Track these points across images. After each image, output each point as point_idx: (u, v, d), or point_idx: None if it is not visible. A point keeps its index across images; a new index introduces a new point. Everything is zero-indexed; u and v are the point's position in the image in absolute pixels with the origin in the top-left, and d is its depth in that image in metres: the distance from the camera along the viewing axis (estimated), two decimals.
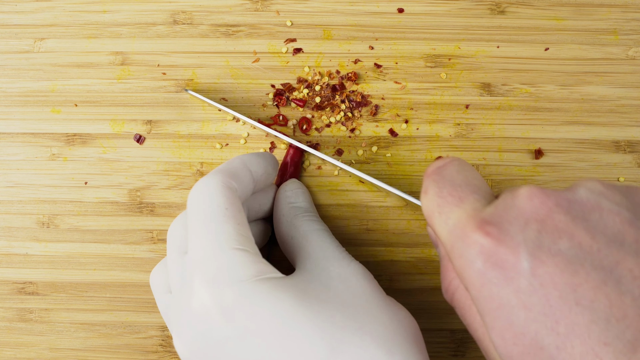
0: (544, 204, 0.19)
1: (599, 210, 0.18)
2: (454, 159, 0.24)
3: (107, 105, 0.34)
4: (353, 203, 0.33)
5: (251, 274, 0.22)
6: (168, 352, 0.33)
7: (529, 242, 0.18)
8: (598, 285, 0.17)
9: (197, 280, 0.22)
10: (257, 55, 0.34)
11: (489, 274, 0.18)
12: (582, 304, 0.17)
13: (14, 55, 0.34)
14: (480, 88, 0.34)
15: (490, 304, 0.18)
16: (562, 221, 0.18)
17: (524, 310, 0.17)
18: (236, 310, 0.22)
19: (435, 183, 0.22)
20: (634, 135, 0.33)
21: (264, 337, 0.21)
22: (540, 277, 0.17)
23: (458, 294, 0.23)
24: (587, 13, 0.35)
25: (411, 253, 0.33)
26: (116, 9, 0.35)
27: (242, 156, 0.27)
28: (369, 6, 0.35)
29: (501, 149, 0.33)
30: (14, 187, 0.34)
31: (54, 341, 0.33)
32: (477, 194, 0.21)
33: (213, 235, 0.23)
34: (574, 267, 0.17)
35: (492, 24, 0.34)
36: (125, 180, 0.33)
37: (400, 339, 0.23)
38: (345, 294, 0.24)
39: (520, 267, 0.18)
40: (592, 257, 0.17)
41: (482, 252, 0.19)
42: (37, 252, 0.33)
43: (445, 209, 0.21)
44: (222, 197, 0.24)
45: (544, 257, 0.18)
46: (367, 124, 0.34)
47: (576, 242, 0.18)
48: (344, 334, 0.22)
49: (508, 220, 0.19)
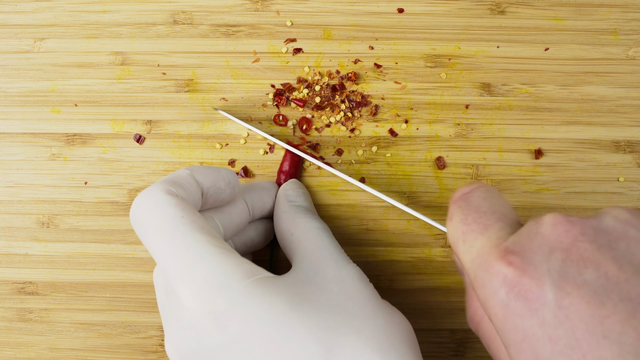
0: (569, 232, 0.18)
1: (626, 240, 0.18)
2: (481, 185, 0.23)
3: (107, 105, 0.34)
4: (353, 203, 0.33)
5: (240, 276, 0.22)
6: None
7: (554, 272, 0.18)
8: (626, 318, 0.16)
9: (183, 291, 0.22)
10: (257, 55, 0.34)
11: (512, 305, 0.18)
12: (609, 337, 0.16)
13: (14, 55, 0.34)
14: (480, 88, 0.34)
15: (514, 336, 0.18)
16: (587, 250, 0.18)
17: (549, 343, 0.17)
18: (228, 317, 0.21)
19: (461, 210, 0.22)
20: (634, 135, 0.33)
21: (257, 342, 0.21)
22: (566, 309, 0.17)
23: (483, 324, 0.22)
24: (587, 13, 0.35)
25: (411, 253, 0.33)
26: (116, 9, 0.35)
27: (189, 167, 0.26)
28: (369, 6, 0.35)
29: (501, 149, 0.33)
30: (14, 187, 0.34)
31: (54, 341, 0.33)
32: (502, 222, 0.21)
33: (184, 247, 0.22)
34: (601, 298, 0.17)
35: (492, 24, 0.34)
36: (125, 180, 0.33)
37: (396, 343, 0.22)
38: (341, 297, 0.24)
39: (544, 298, 0.17)
40: (620, 288, 0.17)
41: (505, 282, 0.18)
42: (37, 252, 0.33)
43: (469, 236, 0.21)
44: (170, 206, 0.23)
45: (569, 288, 0.17)
46: (367, 124, 0.34)
47: (602, 272, 0.17)
48: (339, 337, 0.21)
49: (532, 249, 0.19)
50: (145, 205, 0.23)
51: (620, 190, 0.33)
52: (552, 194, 0.33)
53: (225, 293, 0.21)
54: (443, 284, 0.33)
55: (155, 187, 0.23)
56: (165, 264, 0.22)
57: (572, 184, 0.33)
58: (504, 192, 0.33)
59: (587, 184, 0.33)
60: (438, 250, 0.33)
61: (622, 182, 0.33)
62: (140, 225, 0.23)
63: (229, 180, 0.27)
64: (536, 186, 0.33)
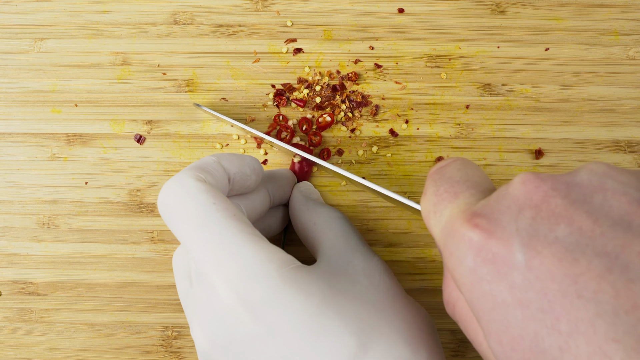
0: (539, 188, 0.17)
1: (603, 191, 0.16)
2: (457, 159, 0.22)
3: (108, 106, 0.34)
4: (353, 203, 0.33)
5: (275, 266, 0.21)
6: (168, 352, 0.33)
7: (523, 231, 0.16)
8: (602, 274, 0.14)
9: (217, 280, 0.21)
10: (257, 56, 0.34)
11: (480, 270, 0.16)
12: (584, 297, 0.14)
13: (14, 55, 0.34)
14: (480, 88, 0.34)
15: (483, 305, 0.17)
16: (559, 205, 0.16)
17: (520, 309, 0.15)
18: (264, 307, 0.21)
19: (434, 182, 0.21)
20: (634, 135, 0.33)
21: (293, 333, 0.20)
22: (536, 270, 0.15)
23: (459, 306, 0.21)
24: (587, 13, 0.35)
25: (411, 253, 0.33)
26: (116, 9, 0.35)
27: (215, 154, 0.25)
28: (369, 6, 0.35)
29: (501, 149, 0.33)
30: (14, 187, 0.34)
31: (54, 341, 0.33)
32: (473, 189, 0.20)
33: (217, 235, 0.22)
34: (574, 255, 0.15)
35: (492, 24, 0.34)
36: (126, 181, 0.33)
37: (424, 337, 0.22)
38: (370, 289, 0.23)
39: (513, 260, 0.16)
40: (595, 242, 0.15)
41: (471, 246, 0.17)
42: (38, 252, 0.33)
43: (439, 206, 0.20)
44: (202, 193, 0.22)
45: (539, 247, 0.15)
46: (367, 124, 0.34)
47: (576, 227, 0.15)
48: (372, 330, 0.21)
49: (500, 210, 0.17)
50: (175, 192, 0.22)
51: None
52: None
53: (262, 283, 0.21)
54: None
55: (184, 174, 0.23)
56: (198, 252, 0.22)
57: None
58: None
59: None
60: (438, 250, 0.33)
61: None
62: (171, 212, 0.22)
63: (253, 167, 0.26)
64: None
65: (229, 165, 0.25)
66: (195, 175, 0.23)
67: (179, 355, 0.33)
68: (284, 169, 0.32)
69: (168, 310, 0.33)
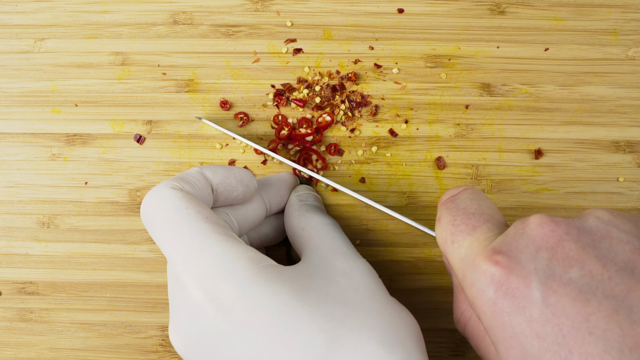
0: (555, 232, 0.19)
1: (609, 239, 0.18)
2: (467, 188, 0.24)
3: (107, 106, 0.34)
4: (353, 203, 0.33)
5: (245, 264, 0.22)
6: (168, 352, 0.33)
7: (540, 271, 0.18)
8: (610, 314, 0.17)
9: (187, 278, 0.22)
10: (257, 56, 0.34)
11: (500, 303, 0.19)
12: (594, 334, 0.16)
13: (14, 56, 0.34)
14: (480, 88, 0.34)
15: (503, 333, 0.19)
16: (572, 249, 0.18)
17: (537, 340, 0.17)
18: (233, 305, 0.21)
19: (449, 211, 0.23)
20: (634, 135, 0.34)
21: (261, 331, 0.21)
22: (553, 307, 0.17)
23: (471, 325, 0.23)
24: (587, 13, 0.35)
25: (411, 253, 0.33)
26: (116, 9, 0.35)
27: (202, 165, 0.27)
28: (369, 6, 0.35)
29: (501, 149, 0.33)
30: (14, 187, 0.34)
31: (54, 341, 0.33)
32: (490, 223, 0.22)
33: (188, 235, 0.22)
34: (586, 296, 0.17)
35: (492, 24, 0.34)
36: (126, 181, 0.34)
37: (401, 338, 0.22)
38: (348, 290, 0.24)
39: (532, 296, 0.18)
40: (604, 285, 0.17)
41: (493, 281, 0.19)
42: (38, 252, 0.33)
43: (458, 237, 0.22)
44: (175, 199, 0.23)
45: (555, 286, 0.18)
46: (367, 124, 0.34)
47: (587, 270, 0.18)
48: (343, 328, 0.21)
49: (518, 249, 0.19)
50: (152, 201, 0.24)
51: (620, 190, 0.33)
52: (551, 194, 0.33)
53: (230, 280, 0.21)
54: (443, 284, 0.33)
55: (162, 185, 0.24)
56: (171, 253, 0.23)
57: (572, 184, 0.33)
58: (504, 192, 0.33)
59: (586, 184, 0.33)
60: (438, 250, 0.33)
61: (622, 182, 0.33)
62: (148, 220, 0.24)
63: (241, 179, 0.27)
64: (536, 186, 0.33)
65: (212, 176, 0.26)
66: (172, 185, 0.24)
67: (178, 355, 0.33)
68: (284, 172, 0.32)
69: (168, 310, 0.33)
